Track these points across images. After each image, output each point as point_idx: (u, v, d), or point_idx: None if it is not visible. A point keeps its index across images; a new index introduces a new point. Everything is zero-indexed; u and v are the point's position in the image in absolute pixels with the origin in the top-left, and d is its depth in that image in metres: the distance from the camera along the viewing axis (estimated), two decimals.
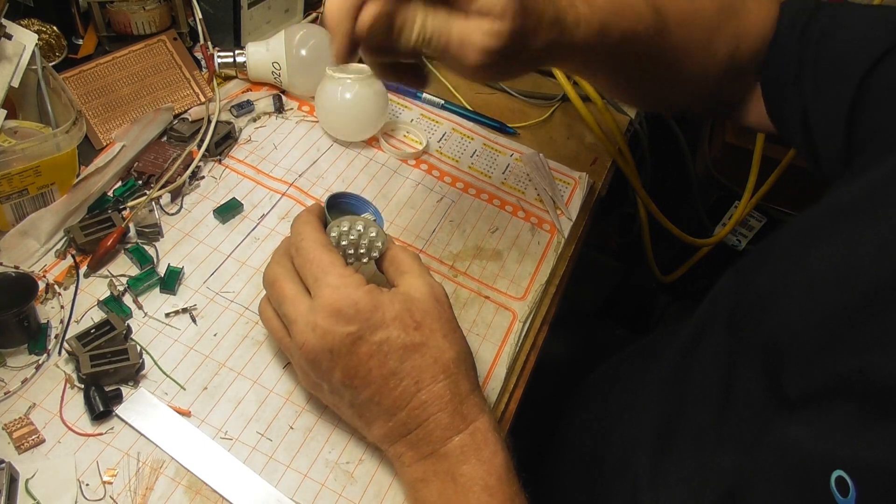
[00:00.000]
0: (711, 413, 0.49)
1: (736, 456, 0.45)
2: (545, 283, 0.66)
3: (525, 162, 0.76)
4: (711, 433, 0.48)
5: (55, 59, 0.68)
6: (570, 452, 0.69)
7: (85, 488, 0.46)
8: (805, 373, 0.42)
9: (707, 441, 0.48)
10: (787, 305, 0.45)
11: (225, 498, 0.48)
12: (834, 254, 0.44)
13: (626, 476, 0.55)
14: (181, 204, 0.63)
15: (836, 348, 0.41)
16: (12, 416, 0.48)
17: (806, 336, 0.43)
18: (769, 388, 0.45)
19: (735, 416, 0.47)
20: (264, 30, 0.79)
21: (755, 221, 1.11)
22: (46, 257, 0.57)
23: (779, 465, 0.41)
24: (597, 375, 0.74)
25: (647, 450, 0.54)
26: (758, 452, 0.44)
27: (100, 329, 0.52)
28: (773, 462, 0.42)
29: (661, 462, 0.52)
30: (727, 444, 0.46)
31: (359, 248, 0.52)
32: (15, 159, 0.53)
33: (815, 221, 0.47)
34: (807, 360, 0.42)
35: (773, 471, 0.42)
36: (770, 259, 0.49)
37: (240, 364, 0.55)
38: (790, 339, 0.44)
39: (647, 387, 0.59)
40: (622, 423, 0.61)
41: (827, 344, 0.41)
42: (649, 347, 0.69)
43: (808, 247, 0.46)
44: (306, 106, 0.75)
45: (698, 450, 0.49)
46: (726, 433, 0.47)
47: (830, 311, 0.42)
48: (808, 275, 0.45)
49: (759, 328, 0.47)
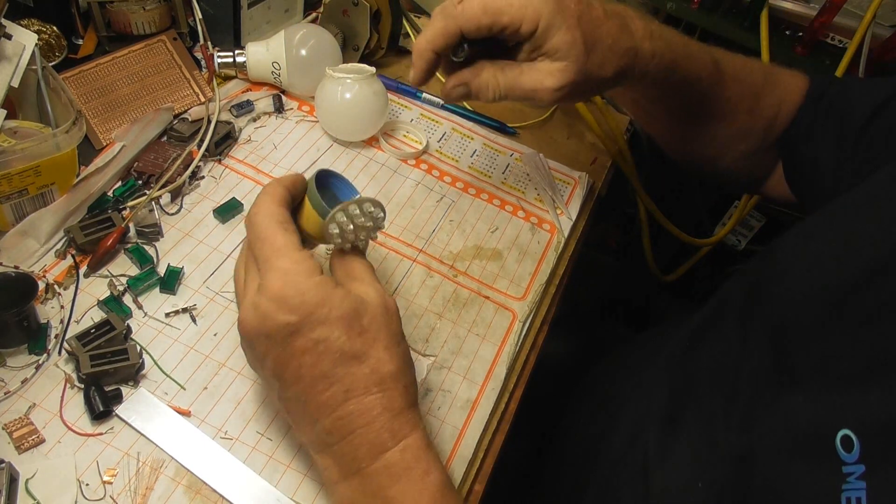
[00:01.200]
0: (721, 396, 0.49)
1: (743, 433, 0.45)
2: (545, 282, 0.66)
3: (525, 162, 0.76)
4: (720, 413, 0.48)
5: (55, 59, 0.68)
6: (571, 447, 0.69)
7: (85, 488, 0.46)
8: (809, 344, 0.43)
9: (716, 421, 0.48)
10: (791, 285, 0.47)
11: (225, 498, 0.48)
12: (831, 238, 0.46)
13: (635, 453, 0.55)
14: (181, 204, 0.63)
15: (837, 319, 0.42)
16: (12, 416, 0.48)
17: (808, 310, 0.44)
18: (776, 366, 0.45)
19: (744, 396, 0.47)
20: (264, 30, 0.79)
21: (755, 221, 1.11)
22: (46, 257, 0.57)
23: (785, 434, 0.42)
24: (599, 371, 0.75)
25: (655, 428, 0.53)
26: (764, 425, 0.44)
27: (100, 329, 0.52)
28: (780, 432, 0.42)
29: (669, 440, 0.52)
30: (736, 422, 0.47)
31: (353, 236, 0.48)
32: (15, 159, 0.53)
33: (816, 219, 0.50)
34: (810, 332, 0.43)
35: (779, 440, 0.42)
36: (774, 252, 0.51)
37: (240, 364, 0.54)
38: (794, 315, 0.45)
39: (654, 370, 0.59)
40: (630, 403, 0.61)
41: (828, 315, 0.43)
42: (652, 340, 0.69)
43: (808, 237, 0.48)
44: (306, 106, 0.75)
45: (707, 429, 0.49)
46: (735, 413, 0.47)
47: (829, 285, 0.44)
48: (808, 257, 0.47)
49: (765, 311, 0.48)
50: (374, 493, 0.43)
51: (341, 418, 0.43)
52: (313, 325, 0.42)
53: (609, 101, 0.84)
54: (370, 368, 0.43)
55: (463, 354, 0.60)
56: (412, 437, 0.44)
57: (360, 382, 0.43)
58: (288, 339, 0.42)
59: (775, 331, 0.47)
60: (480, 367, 0.59)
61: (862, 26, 0.83)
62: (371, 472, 0.43)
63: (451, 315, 0.62)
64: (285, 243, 0.44)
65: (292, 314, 0.42)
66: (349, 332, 0.43)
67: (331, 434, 0.43)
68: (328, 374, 0.43)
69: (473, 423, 0.56)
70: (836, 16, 0.85)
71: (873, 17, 0.82)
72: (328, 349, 0.42)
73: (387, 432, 0.43)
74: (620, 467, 0.57)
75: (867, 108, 0.58)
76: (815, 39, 0.88)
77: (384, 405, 0.43)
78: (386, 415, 0.43)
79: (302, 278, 0.42)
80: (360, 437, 0.43)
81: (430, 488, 0.43)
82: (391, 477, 0.43)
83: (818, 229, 0.49)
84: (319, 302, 0.42)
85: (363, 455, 0.43)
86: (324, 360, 0.43)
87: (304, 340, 0.42)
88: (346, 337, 0.43)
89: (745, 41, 0.91)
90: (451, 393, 0.57)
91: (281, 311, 0.42)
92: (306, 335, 0.42)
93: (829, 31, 0.87)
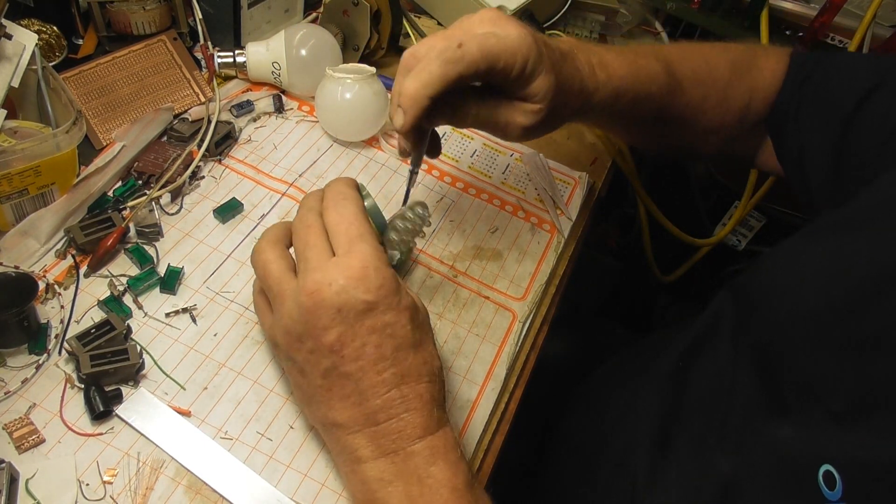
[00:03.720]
0: (712, 420, 0.50)
1: (732, 457, 0.46)
2: (545, 283, 0.66)
3: (525, 162, 0.76)
4: (711, 438, 0.49)
5: (55, 59, 0.68)
6: (569, 452, 0.69)
7: (85, 488, 0.46)
8: (796, 371, 0.44)
9: (706, 445, 0.49)
10: (777, 304, 0.47)
11: (225, 498, 0.48)
12: (820, 257, 0.47)
13: (625, 477, 0.55)
14: (181, 204, 0.63)
15: (823, 345, 0.42)
16: (12, 416, 0.48)
17: (794, 333, 0.45)
18: (764, 391, 0.46)
19: (735, 421, 0.48)
20: (264, 30, 0.79)
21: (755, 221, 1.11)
22: (46, 257, 0.57)
23: (770, 464, 0.42)
24: (596, 378, 0.75)
25: (645, 452, 0.54)
26: (751, 453, 0.45)
27: (100, 329, 0.52)
28: (765, 461, 0.43)
29: (659, 464, 0.52)
30: (726, 447, 0.47)
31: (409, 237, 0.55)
32: (15, 159, 0.53)
33: (803, 236, 0.50)
34: (795, 358, 0.44)
35: (764, 469, 0.43)
36: (762, 270, 0.52)
37: (240, 364, 0.55)
38: (781, 338, 0.46)
39: (646, 391, 0.59)
40: (622, 425, 0.61)
41: (814, 340, 0.43)
42: (648, 350, 0.69)
43: (797, 254, 0.49)
44: (306, 106, 0.75)
45: (697, 453, 0.49)
46: (725, 437, 0.48)
47: (817, 309, 0.44)
48: (795, 276, 0.47)
49: (751, 330, 0.49)
50: (411, 471, 0.45)
51: (394, 399, 0.45)
52: (386, 308, 0.45)
53: None
54: (423, 359, 0.47)
55: (463, 354, 0.60)
56: (448, 427, 0.47)
57: (414, 370, 0.46)
58: (359, 317, 0.45)
59: (762, 354, 0.47)
60: (480, 368, 0.59)
61: (862, 26, 0.83)
62: (410, 451, 0.45)
63: (451, 315, 0.62)
64: (371, 231, 0.47)
65: (370, 294, 0.44)
66: (413, 323, 0.46)
67: (376, 414, 0.45)
68: (389, 356, 0.45)
69: (473, 423, 0.56)
70: (836, 16, 0.85)
71: (873, 17, 0.82)
72: (395, 334, 0.45)
73: (432, 419, 0.46)
74: (612, 488, 0.57)
75: (851, 99, 0.57)
76: (815, 39, 0.88)
77: (432, 394, 0.47)
78: (433, 403, 0.46)
79: (382, 265, 0.46)
80: (407, 419, 0.45)
81: (463, 472, 0.46)
82: (432, 457, 0.45)
83: (809, 246, 0.49)
84: (394, 290, 0.45)
85: (406, 436, 0.45)
86: (388, 343, 0.45)
87: (374, 321, 0.45)
88: (410, 326, 0.46)
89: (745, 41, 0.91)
90: (451, 393, 0.57)
91: (360, 288, 0.44)
92: (379, 317, 0.45)
93: (830, 31, 0.88)
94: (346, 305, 0.44)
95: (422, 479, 0.45)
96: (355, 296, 0.44)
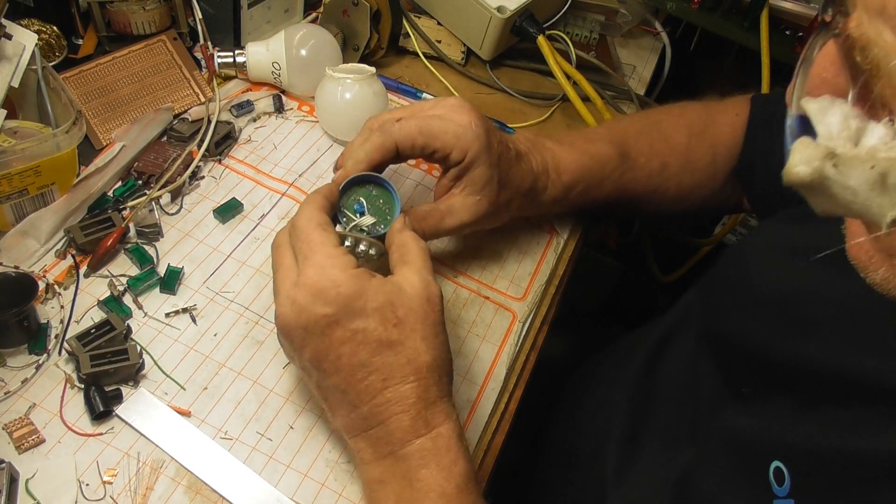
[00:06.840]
0: (681, 412, 0.51)
1: (692, 449, 0.47)
2: (545, 283, 0.66)
3: None
4: (679, 431, 0.50)
5: (55, 59, 0.68)
6: (552, 451, 0.70)
7: (85, 488, 0.46)
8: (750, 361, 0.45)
9: (674, 438, 0.50)
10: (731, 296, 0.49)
11: (225, 498, 0.48)
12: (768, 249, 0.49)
13: (596, 469, 0.56)
14: (181, 204, 0.63)
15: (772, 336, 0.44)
16: (12, 416, 0.48)
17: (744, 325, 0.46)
18: (724, 382, 0.47)
19: (702, 412, 0.49)
20: (264, 30, 0.79)
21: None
22: (46, 257, 0.57)
23: (725, 454, 0.43)
24: (575, 377, 0.75)
25: (616, 446, 0.55)
26: (710, 443, 0.46)
27: (100, 329, 0.52)
28: (721, 450, 0.44)
29: (629, 458, 0.53)
30: (690, 437, 0.48)
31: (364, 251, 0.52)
32: (15, 159, 0.53)
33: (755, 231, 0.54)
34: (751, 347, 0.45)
35: (721, 460, 0.44)
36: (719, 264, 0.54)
37: (240, 364, 0.55)
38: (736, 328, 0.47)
39: (621, 383, 0.61)
40: (597, 417, 0.62)
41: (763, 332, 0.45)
42: (621, 349, 0.70)
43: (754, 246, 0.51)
44: (306, 106, 0.75)
45: (665, 445, 0.51)
46: (691, 428, 0.49)
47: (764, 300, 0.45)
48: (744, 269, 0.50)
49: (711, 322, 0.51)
50: (403, 474, 0.45)
51: (379, 405, 0.45)
52: (350, 316, 0.44)
53: (609, 101, 0.84)
54: (406, 358, 0.45)
55: (463, 355, 0.60)
56: (444, 426, 0.46)
57: (396, 371, 0.45)
58: (325, 331, 0.44)
59: (722, 345, 0.49)
60: (480, 368, 0.59)
61: None
62: (402, 454, 0.45)
63: (450, 315, 0.62)
64: (321, 240, 0.46)
65: (328, 306, 0.44)
66: (385, 323, 0.45)
67: (367, 420, 0.45)
68: (366, 363, 0.45)
69: (473, 423, 0.56)
70: None
71: None
72: (366, 339, 0.44)
73: (420, 420, 0.45)
74: (585, 485, 0.58)
75: None
76: None
77: (419, 394, 0.45)
78: (420, 403, 0.45)
79: (337, 271, 0.44)
80: (394, 423, 0.45)
81: (456, 477, 0.45)
82: (421, 461, 0.45)
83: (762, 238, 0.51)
84: (355, 294, 0.44)
85: (397, 439, 0.45)
86: (361, 349, 0.45)
87: (341, 331, 0.44)
88: (382, 328, 0.45)
89: (745, 41, 0.91)
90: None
91: (317, 304, 0.44)
92: (344, 326, 0.44)
93: None
94: (310, 323, 0.44)
95: (412, 482, 0.45)
96: (314, 311, 0.44)
